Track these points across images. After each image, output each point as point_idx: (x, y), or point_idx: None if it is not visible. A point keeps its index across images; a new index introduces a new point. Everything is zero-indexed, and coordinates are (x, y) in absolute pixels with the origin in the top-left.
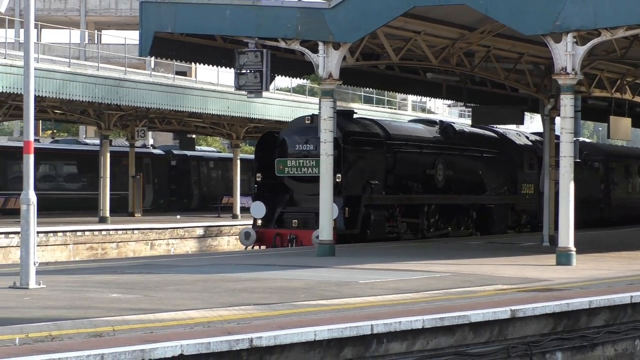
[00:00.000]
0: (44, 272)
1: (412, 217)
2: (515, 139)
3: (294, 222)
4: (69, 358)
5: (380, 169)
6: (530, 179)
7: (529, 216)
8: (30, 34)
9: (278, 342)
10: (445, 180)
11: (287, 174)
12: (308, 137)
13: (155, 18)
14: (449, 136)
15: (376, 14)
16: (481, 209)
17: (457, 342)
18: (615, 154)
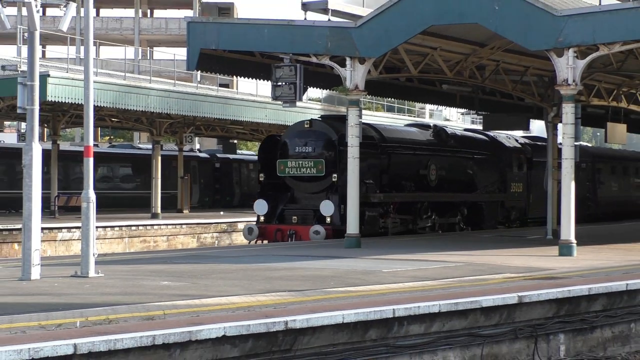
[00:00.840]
0: (102, 262)
1: (406, 213)
2: (504, 142)
3: (294, 219)
4: (124, 339)
5: (374, 169)
6: (519, 179)
7: (518, 212)
8: (89, 50)
9: (310, 324)
10: (438, 180)
11: (288, 174)
12: (307, 140)
13: (201, 36)
14: (441, 139)
15: (397, 32)
16: (472, 206)
17: (470, 324)
18: (601, 155)
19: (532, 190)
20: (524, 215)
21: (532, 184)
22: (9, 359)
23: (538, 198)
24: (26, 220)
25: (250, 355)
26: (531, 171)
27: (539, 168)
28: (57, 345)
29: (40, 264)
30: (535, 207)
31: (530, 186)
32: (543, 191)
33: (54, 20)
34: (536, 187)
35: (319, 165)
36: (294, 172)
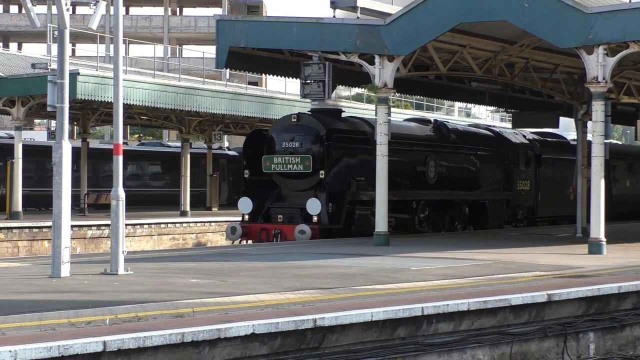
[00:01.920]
0: (131, 260)
1: (402, 212)
2: (511, 138)
3: (280, 217)
4: (153, 336)
5: (367, 165)
6: (526, 176)
7: (525, 211)
8: (119, 48)
9: (339, 322)
10: (437, 177)
11: (274, 171)
12: (294, 135)
13: (230, 34)
14: (441, 134)
15: (426, 29)
16: (475, 205)
17: (499, 322)
18: (617, 152)
19: (541, 188)
20: (532, 215)
21: (540, 182)
22: (39, 356)
23: (547, 196)
24: (56, 217)
25: (279, 352)
26: (540, 168)
27: (548, 165)
28: (86, 342)
29: (70, 261)
30: (545, 206)
31: (539, 184)
32: (553, 189)
33: (83, 19)
34: (545, 185)
35: (306, 161)
36: (280, 168)
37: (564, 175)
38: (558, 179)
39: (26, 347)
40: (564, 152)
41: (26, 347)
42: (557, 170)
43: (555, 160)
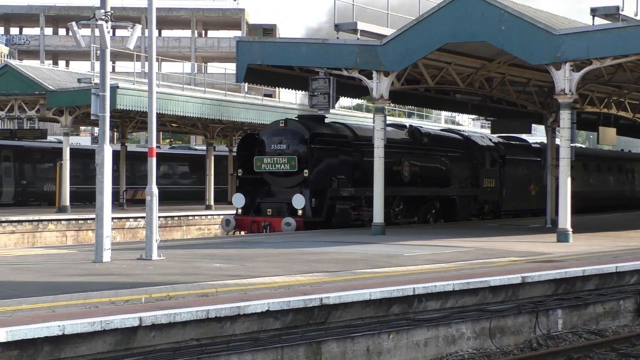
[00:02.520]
0: (163, 247)
1: None
2: (478, 141)
3: (269, 211)
4: (182, 313)
5: (346, 165)
6: (492, 175)
7: (491, 206)
8: (153, 65)
9: (342, 300)
10: (411, 176)
11: (264, 170)
12: (282, 138)
13: (248, 53)
14: (415, 138)
15: (416, 49)
16: (445, 200)
17: (480, 301)
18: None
19: (505, 186)
20: (497, 209)
21: (505, 180)
22: (84, 329)
23: (511, 192)
24: (99, 211)
25: (290, 327)
26: (504, 168)
27: (511, 165)
28: (124, 318)
29: (110, 248)
30: (509, 201)
31: (504, 181)
32: (516, 186)
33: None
34: (509, 183)
35: (292, 161)
36: (270, 167)
37: (526, 174)
38: (521, 177)
39: (73, 322)
40: (526, 153)
41: (73, 322)
42: (520, 170)
43: (518, 161)
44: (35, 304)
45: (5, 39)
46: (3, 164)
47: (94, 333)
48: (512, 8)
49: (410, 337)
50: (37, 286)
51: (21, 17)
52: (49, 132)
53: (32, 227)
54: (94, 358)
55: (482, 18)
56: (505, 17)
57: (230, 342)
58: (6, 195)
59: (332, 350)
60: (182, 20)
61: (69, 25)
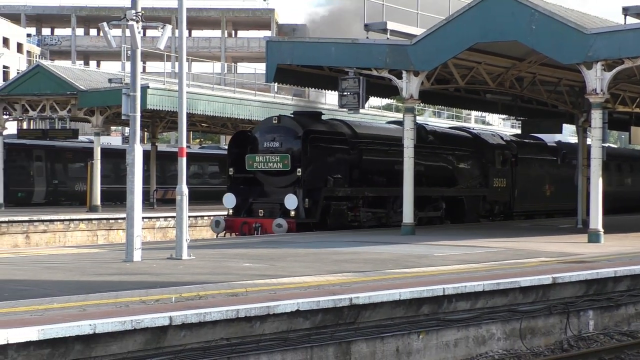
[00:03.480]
0: (193, 247)
1: (379, 207)
2: (488, 139)
3: (260, 212)
4: (212, 312)
5: (343, 164)
6: (502, 174)
7: (501, 206)
8: (183, 65)
9: (371, 300)
10: (415, 175)
11: (256, 169)
12: (275, 136)
13: (278, 53)
14: (420, 135)
15: (446, 49)
16: (452, 201)
17: (510, 301)
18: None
19: (517, 186)
20: (508, 210)
21: (517, 180)
22: (115, 328)
23: (524, 193)
24: (129, 210)
25: (320, 327)
26: (516, 167)
27: (524, 164)
28: (155, 317)
29: (141, 248)
30: (521, 202)
31: (515, 181)
32: (529, 186)
33: (152, 40)
34: (522, 182)
35: (284, 160)
36: (262, 166)
37: (541, 174)
38: (535, 177)
39: (104, 321)
40: (541, 152)
41: (104, 321)
42: (534, 169)
43: (531, 160)
44: (66, 302)
45: (37, 40)
46: (35, 163)
47: (124, 332)
48: (542, 7)
49: (440, 338)
50: (69, 285)
51: (53, 18)
52: (80, 132)
53: (63, 226)
54: (125, 357)
55: (513, 17)
56: (536, 16)
57: (259, 342)
58: (38, 195)
59: (362, 351)
60: (212, 21)
61: (100, 25)
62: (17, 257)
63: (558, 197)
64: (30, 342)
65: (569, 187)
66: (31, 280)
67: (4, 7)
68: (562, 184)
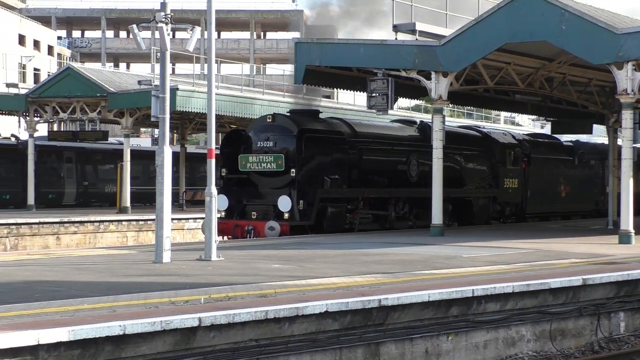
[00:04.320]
0: (222, 248)
1: (381, 209)
2: (498, 138)
3: (253, 214)
4: (241, 313)
5: (341, 164)
6: (514, 174)
7: (513, 208)
8: (212, 67)
9: (400, 302)
10: (420, 175)
11: (249, 169)
12: (269, 135)
13: (307, 54)
14: (425, 134)
15: (475, 49)
16: (460, 202)
17: (540, 303)
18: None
19: (529, 186)
20: (520, 211)
21: (530, 180)
22: (144, 329)
23: (537, 194)
24: (159, 211)
25: (349, 328)
26: (529, 167)
27: (537, 164)
28: (184, 318)
29: (170, 249)
30: (534, 203)
31: (528, 182)
32: (543, 187)
33: (181, 42)
34: (535, 183)
35: (278, 160)
36: (255, 167)
37: (555, 174)
38: (549, 178)
39: (133, 322)
40: (556, 152)
41: (133, 322)
42: (548, 169)
43: (545, 160)
44: (96, 303)
45: (68, 42)
46: (65, 165)
47: (154, 333)
48: (572, 7)
49: (470, 339)
50: (99, 286)
51: (83, 21)
52: (109, 134)
53: (93, 227)
54: (154, 358)
55: (542, 18)
56: (566, 16)
57: (288, 343)
58: (68, 196)
59: (391, 352)
60: (241, 22)
61: (129, 28)
62: (48, 258)
63: (574, 198)
64: (61, 342)
65: (587, 187)
66: (62, 281)
67: (34, 10)
68: (579, 184)
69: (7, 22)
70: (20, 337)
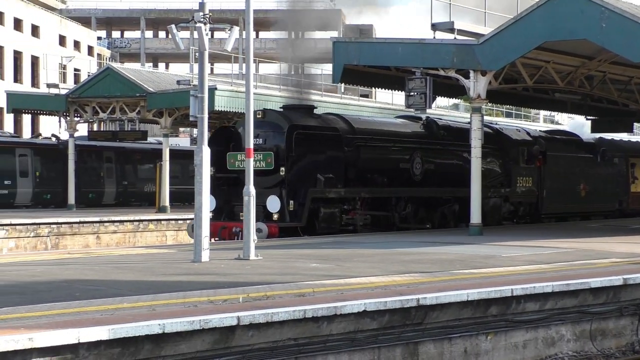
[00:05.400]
0: (261, 247)
1: (381, 210)
2: (511, 134)
3: (241, 215)
4: (279, 312)
5: (337, 162)
6: (528, 173)
7: (527, 208)
8: (250, 67)
9: (439, 301)
10: (424, 174)
11: (238, 168)
12: (259, 131)
13: (345, 54)
14: (431, 131)
15: (514, 48)
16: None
17: (580, 302)
18: (635, 150)
19: (545, 185)
20: (535, 211)
21: (545, 179)
22: (183, 328)
23: (553, 193)
24: (197, 211)
25: (387, 327)
26: (545, 165)
27: (554, 161)
28: (223, 317)
29: (209, 248)
30: (551, 203)
31: (544, 181)
32: (560, 186)
33: (220, 42)
34: (551, 182)
35: (268, 158)
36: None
37: (574, 173)
38: (567, 176)
39: (173, 321)
40: (575, 149)
41: (173, 321)
42: (566, 168)
43: (563, 158)
44: (136, 302)
45: (107, 43)
46: (105, 165)
47: (193, 332)
48: (613, 5)
49: (509, 339)
50: (138, 285)
51: (122, 21)
52: (149, 134)
53: (133, 227)
54: (193, 356)
55: (582, 16)
56: (606, 14)
57: (327, 342)
58: (108, 196)
59: (429, 351)
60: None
61: (168, 28)
62: (88, 257)
63: (595, 197)
64: (101, 341)
65: (609, 186)
66: (101, 280)
67: (75, 11)
68: (601, 183)
69: (48, 23)
70: (61, 336)
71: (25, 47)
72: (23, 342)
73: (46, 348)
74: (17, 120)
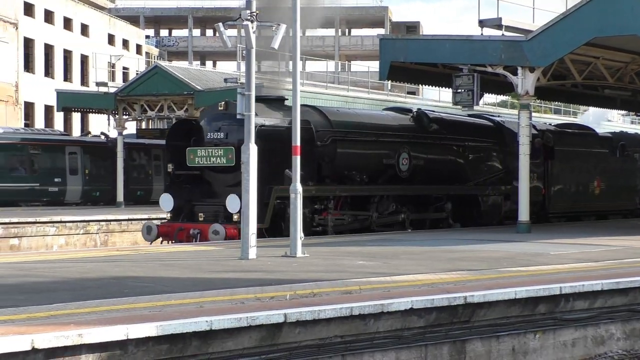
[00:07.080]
0: (307, 244)
1: (361, 209)
2: (513, 128)
3: (201, 216)
4: (326, 310)
5: (307, 158)
6: (532, 169)
7: (532, 206)
8: (297, 64)
9: (486, 299)
10: (412, 170)
11: (198, 164)
12: (221, 125)
13: (391, 51)
14: (421, 124)
15: (563, 44)
16: (465, 199)
17: (630, 301)
18: None
19: (552, 182)
20: (541, 210)
21: (553, 175)
22: (230, 325)
23: (562, 191)
24: (244, 208)
25: (434, 325)
26: (552, 161)
27: (563, 157)
28: (270, 314)
29: (256, 245)
30: (559, 201)
31: (551, 177)
32: (570, 183)
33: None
34: (560, 179)
35: (229, 153)
36: (205, 162)
37: (587, 169)
38: (578, 173)
39: (220, 318)
40: (588, 144)
41: (220, 318)
42: (577, 163)
43: (574, 153)
44: (183, 299)
45: (156, 41)
46: (154, 162)
47: (240, 329)
48: None
49: (557, 337)
50: (185, 282)
51: (170, 20)
52: None
53: None
54: (240, 353)
55: (632, 11)
56: None
57: (373, 340)
58: (157, 193)
59: (477, 349)
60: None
61: (216, 26)
62: (136, 254)
63: (612, 195)
64: (149, 337)
65: (628, 183)
66: (150, 276)
67: (123, 10)
68: (617, 180)
69: (97, 22)
70: (110, 332)
71: (74, 46)
72: (73, 338)
73: (95, 344)
74: (67, 118)
